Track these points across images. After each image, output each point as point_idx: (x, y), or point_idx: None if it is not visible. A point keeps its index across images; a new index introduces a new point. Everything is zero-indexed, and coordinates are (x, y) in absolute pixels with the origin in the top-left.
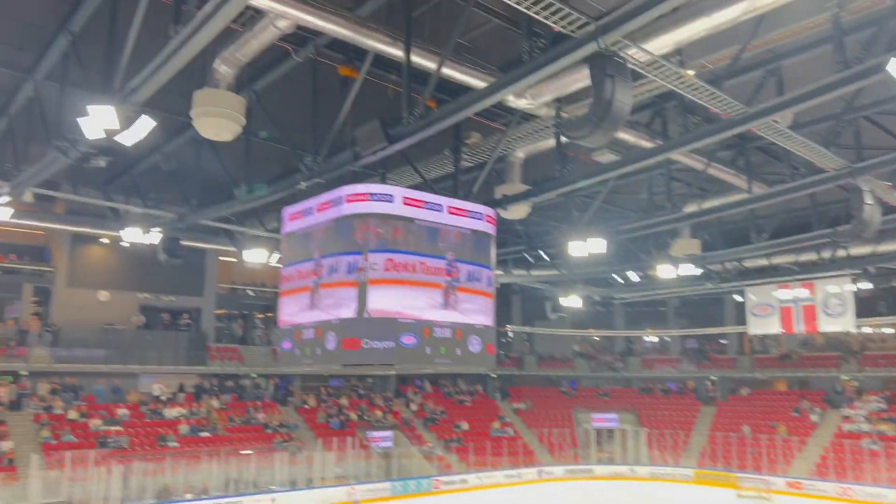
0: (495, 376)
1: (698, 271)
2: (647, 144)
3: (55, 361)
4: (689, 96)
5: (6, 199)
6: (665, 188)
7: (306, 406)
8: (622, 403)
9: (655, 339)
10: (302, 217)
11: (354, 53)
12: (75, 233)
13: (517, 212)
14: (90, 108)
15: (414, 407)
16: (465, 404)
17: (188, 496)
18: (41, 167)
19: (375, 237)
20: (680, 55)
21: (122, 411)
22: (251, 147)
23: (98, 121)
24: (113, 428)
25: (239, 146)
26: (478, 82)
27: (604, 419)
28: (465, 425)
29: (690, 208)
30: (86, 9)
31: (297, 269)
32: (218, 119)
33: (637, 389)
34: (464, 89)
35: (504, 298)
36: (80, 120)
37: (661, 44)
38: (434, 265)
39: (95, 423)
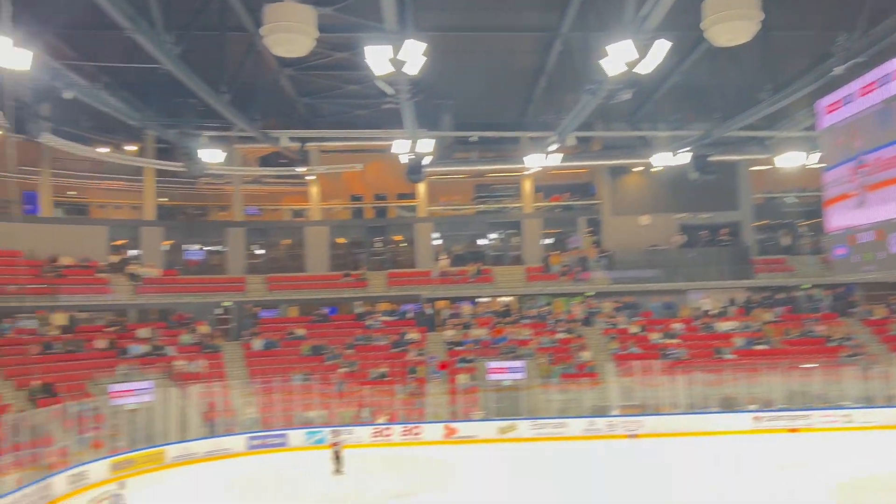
0: None
1: None
2: None
3: (613, 282)
4: None
5: (555, 146)
6: None
7: (873, 317)
8: None
9: None
10: (842, 106)
11: None
12: (612, 166)
13: None
14: (609, 48)
15: None
16: None
17: (752, 407)
18: (577, 112)
19: None
20: None
21: (676, 325)
22: (770, 44)
23: (618, 56)
24: (671, 341)
25: (756, 46)
26: None
27: None
28: None
29: None
30: None
31: (844, 168)
32: (733, 22)
33: None
34: None
35: None
36: (602, 61)
37: None
38: None
39: (654, 336)
